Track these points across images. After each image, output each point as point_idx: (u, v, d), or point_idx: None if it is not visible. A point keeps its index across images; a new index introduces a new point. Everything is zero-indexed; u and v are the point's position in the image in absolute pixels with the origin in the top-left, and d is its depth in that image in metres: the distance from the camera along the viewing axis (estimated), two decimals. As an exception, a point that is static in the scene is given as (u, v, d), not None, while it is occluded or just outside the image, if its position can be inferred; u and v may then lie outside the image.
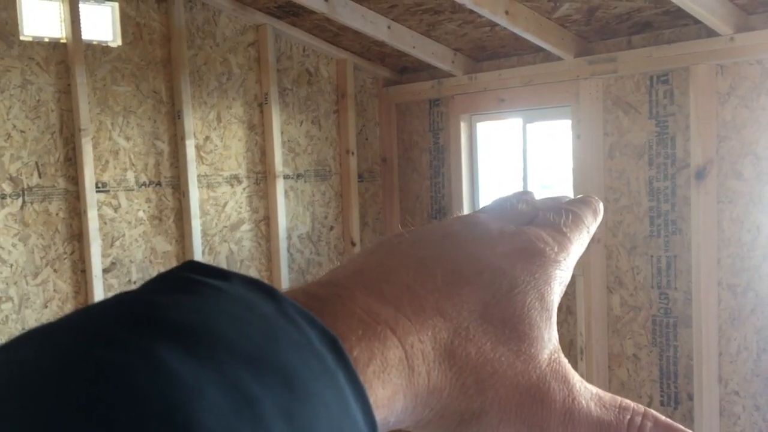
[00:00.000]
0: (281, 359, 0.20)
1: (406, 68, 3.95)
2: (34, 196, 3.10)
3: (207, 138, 3.54)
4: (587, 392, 0.29)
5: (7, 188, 3.04)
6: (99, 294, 3.20)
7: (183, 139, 3.42)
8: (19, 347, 0.19)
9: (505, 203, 0.37)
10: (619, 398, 0.30)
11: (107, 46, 3.26)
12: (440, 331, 0.27)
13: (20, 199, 3.07)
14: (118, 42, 3.29)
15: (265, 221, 3.74)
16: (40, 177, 3.11)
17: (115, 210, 3.31)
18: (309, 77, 3.84)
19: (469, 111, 3.63)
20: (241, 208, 3.67)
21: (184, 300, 0.20)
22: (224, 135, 3.60)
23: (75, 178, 3.18)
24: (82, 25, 3.12)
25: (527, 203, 0.37)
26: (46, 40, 3.12)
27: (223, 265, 3.63)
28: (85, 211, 3.16)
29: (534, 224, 0.34)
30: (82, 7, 3.14)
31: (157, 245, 3.43)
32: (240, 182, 3.67)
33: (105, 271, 3.26)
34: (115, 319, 0.19)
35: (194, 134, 3.47)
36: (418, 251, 0.30)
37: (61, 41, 3.14)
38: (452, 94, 3.66)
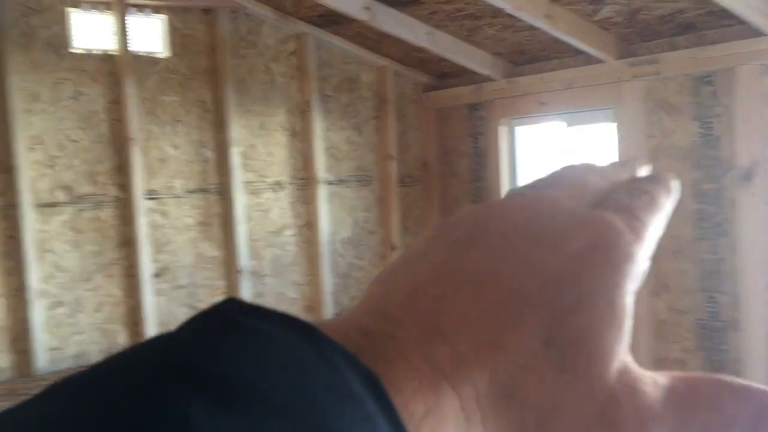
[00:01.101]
0: (317, 409, 0.19)
1: (445, 73, 3.98)
2: (86, 204, 3.21)
3: (251, 145, 3.62)
4: (658, 393, 0.26)
5: (61, 196, 3.15)
6: (149, 299, 3.29)
7: (228, 146, 3.50)
8: (53, 398, 0.19)
9: (574, 173, 0.33)
10: (689, 375, 0.27)
11: (155, 58, 3.36)
12: (500, 370, 0.24)
13: (73, 207, 3.18)
14: (166, 53, 3.39)
15: (308, 226, 3.80)
16: (92, 185, 3.22)
17: (164, 216, 3.40)
18: (350, 84, 3.89)
19: (508, 115, 3.64)
20: (284, 213, 3.74)
21: (223, 346, 0.20)
22: (268, 142, 3.67)
23: (125, 186, 3.28)
24: (131, 37, 3.23)
25: (597, 173, 0.33)
26: (97, 52, 3.23)
27: (268, 270, 3.72)
28: (135, 218, 3.26)
29: (605, 206, 0.30)
30: (131, 20, 3.24)
31: (204, 251, 3.51)
32: (283, 188, 3.73)
33: (155, 276, 3.35)
34: (150, 369, 0.19)
35: (239, 142, 3.55)
36: (475, 260, 0.27)
37: (111, 53, 3.25)
38: (492, 99, 3.67)
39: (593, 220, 0.28)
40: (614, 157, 3.13)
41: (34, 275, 3.05)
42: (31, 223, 3.03)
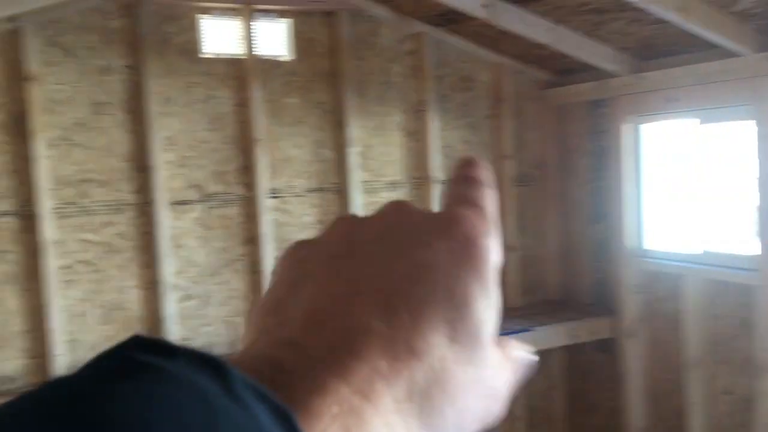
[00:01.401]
0: None
1: (566, 70, 3.87)
2: (215, 202, 3.36)
3: (368, 145, 3.67)
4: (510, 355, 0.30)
5: (193, 195, 3.31)
6: (270, 293, 3.41)
7: (347, 147, 3.56)
8: None
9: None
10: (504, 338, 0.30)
11: (279, 61, 3.47)
12: (416, 375, 0.25)
13: (203, 205, 3.34)
14: (289, 56, 3.49)
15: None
16: (220, 184, 3.37)
17: (286, 214, 3.51)
18: (466, 83, 3.86)
19: (634, 112, 3.49)
20: (400, 212, 3.76)
21: (119, 391, 0.19)
22: (384, 142, 3.71)
23: (250, 185, 3.41)
24: (257, 42, 3.35)
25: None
26: (226, 56, 3.38)
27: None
28: (258, 216, 3.38)
29: (449, 203, 0.32)
30: (258, 25, 3.36)
31: (322, 248, 3.59)
32: (399, 187, 3.76)
33: (276, 272, 3.47)
34: (44, 418, 0.18)
35: (357, 142, 3.60)
36: (364, 270, 0.28)
37: (238, 57, 3.38)
38: (616, 95, 3.53)
39: (452, 218, 0.30)
40: (754, 164, 2.93)
41: (168, 269, 3.22)
42: (165, 219, 3.21)
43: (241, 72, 3.38)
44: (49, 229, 2.98)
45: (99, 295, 3.13)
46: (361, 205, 3.62)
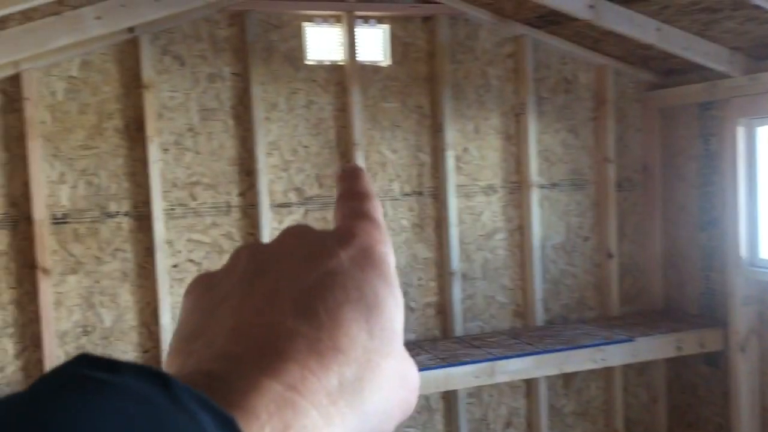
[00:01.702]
0: None
1: (672, 71, 3.72)
2: (314, 205, 3.43)
3: (465, 149, 3.65)
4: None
5: (294, 197, 3.40)
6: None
7: (443, 150, 3.56)
8: None
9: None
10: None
11: (378, 66, 3.51)
12: (344, 369, 0.27)
13: (303, 207, 3.42)
14: (388, 61, 3.53)
15: (519, 230, 3.76)
16: (319, 187, 3.44)
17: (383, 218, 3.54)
18: (566, 85, 3.78)
19: (748, 114, 3.32)
20: (496, 217, 3.73)
21: (65, 404, 0.20)
22: (481, 146, 3.68)
23: (348, 189, 3.46)
24: (357, 48, 3.40)
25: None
26: (327, 63, 3.44)
27: (478, 274, 3.73)
28: (356, 219, 3.43)
29: (343, 218, 0.34)
30: (358, 31, 3.41)
31: (418, 252, 3.61)
32: (495, 192, 3.72)
33: (372, 274, 3.50)
34: None
35: (453, 146, 3.59)
36: (279, 283, 0.30)
37: (339, 63, 3.44)
38: (728, 97, 3.37)
39: (348, 230, 0.32)
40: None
41: (269, 270, 3.32)
42: (267, 221, 3.30)
43: (341, 78, 3.44)
44: (161, 229, 3.13)
45: (205, 294, 3.26)
46: (456, 209, 3.61)
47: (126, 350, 3.14)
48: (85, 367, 0.22)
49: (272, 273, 0.31)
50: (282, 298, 0.29)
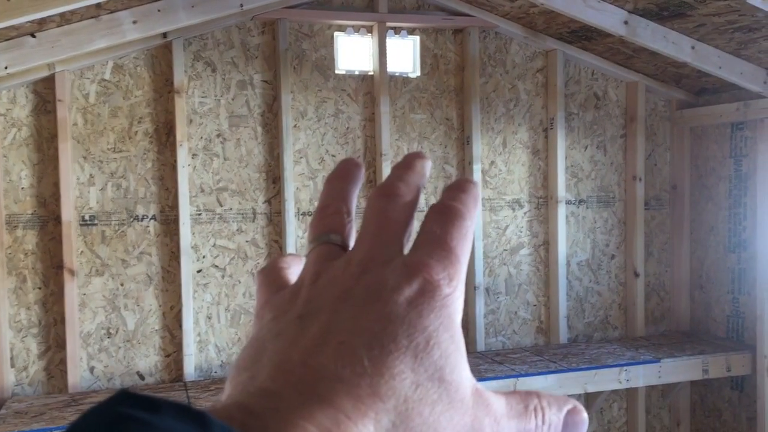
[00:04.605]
0: None
1: (704, 89, 3.68)
2: (339, 214, 3.42)
3: (492, 162, 3.63)
4: (502, 405, 0.31)
5: (319, 206, 3.38)
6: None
7: (471, 164, 3.54)
8: None
9: (377, 215, 0.34)
10: (518, 393, 0.32)
11: (407, 77, 3.50)
12: (382, 416, 0.27)
13: (328, 217, 3.40)
14: (417, 73, 3.52)
15: (545, 246, 3.72)
16: (345, 197, 3.42)
17: (407, 229, 3.52)
18: (596, 101, 3.75)
19: (782, 136, 3.27)
20: (521, 232, 3.70)
21: None
22: (509, 160, 3.66)
23: (374, 199, 3.44)
24: (387, 58, 3.39)
25: (395, 200, 0.34)
26: (357, 73, 3.44)
27: (501, 289, 3.70)
28: (381, 230, 3.41)
29: (418, 242, 0.32)
30: (389, 42, 3.41)
31: (441, 264, 3.57)
32: (521, 206, 3.69)
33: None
34: None
35: (481, 159, 3.57)
36: (330, 326, 0.29)
37: (369, 74, 3.44)
38: (761, 117, 3.32)
39: (412, 269, 0.31)
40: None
41: (293, 278, 3.30)
42: (293, 229, 3.30)
43: (370, 88, 3.43)
44: (187, 233, 3.13)
45: (229, 299, 3.26)
46: (481, 223, 3.58)
47: (148, 353, 3.14)
48: (127, 406, 0.22)
49: (326, 315, 0.30)
50: (330, 342, 0.29)
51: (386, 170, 3.40)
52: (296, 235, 3.32)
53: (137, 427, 0.21)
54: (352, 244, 0.36)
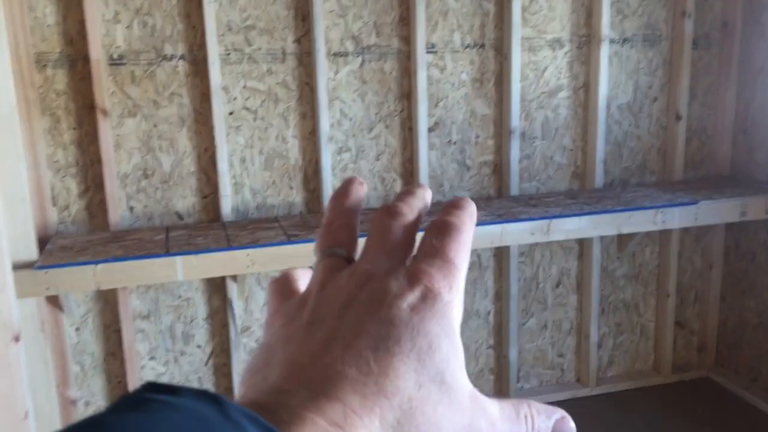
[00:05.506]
0: None
1: None
2: (372, 55, 3.31)
3: (532, -2, 3.43)
4: (497, 409, 0.32)
5: (350, 46, 3.27)
6: (423, 152, 3.38)
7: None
8: None
9: (383, 230, 0.37)
10: (510, 401, 0.33)
11: None
12: (387, 413, 0.28)
13: (360, 57, 3.30)
14: None
15: (584, 88, 3.59)
16: (377, 36, 3.29)
17: (441, 71, 3.40)
18: (648, -72, 3.46)
19: None
20: (560, 73, 3.55)
21: (131, 417, 0.23)
22: (550, -5, 3.45)
23: (407, 39, 3.31)
24: None
25: (403, 227, 0.37)
26: None
27: (538, 134, 3.61)
28: (415, 71, 3.30)
29: (419, 255, 0.35)
30: None
31: (476, 108, 3.49)
32: (562, 46, 3.52)
33: (429, 130, 3.42)
34: None
35: (521, -6, 3.37)
36: (337, 332, 0.32)
37: None
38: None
39: (415, 277, 0.33)
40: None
41: (325, 121, 3.26)
42: (324, 70, 3.20)
43: None
44: (217, 74, 3.06)
45: (261, 142, 3.24)
46: (519, 64, 3.43)
47: (185, 194, 3.18)
48: (151, 392, 0.25)
49: (333, 320, 0.33)
50: (337, 345, 0.31)
51: (420, 6, 3.23)
52: (327, 77, 3.23)
53: (159, 405, 0.24)
54: (356, 257, 0.38)
